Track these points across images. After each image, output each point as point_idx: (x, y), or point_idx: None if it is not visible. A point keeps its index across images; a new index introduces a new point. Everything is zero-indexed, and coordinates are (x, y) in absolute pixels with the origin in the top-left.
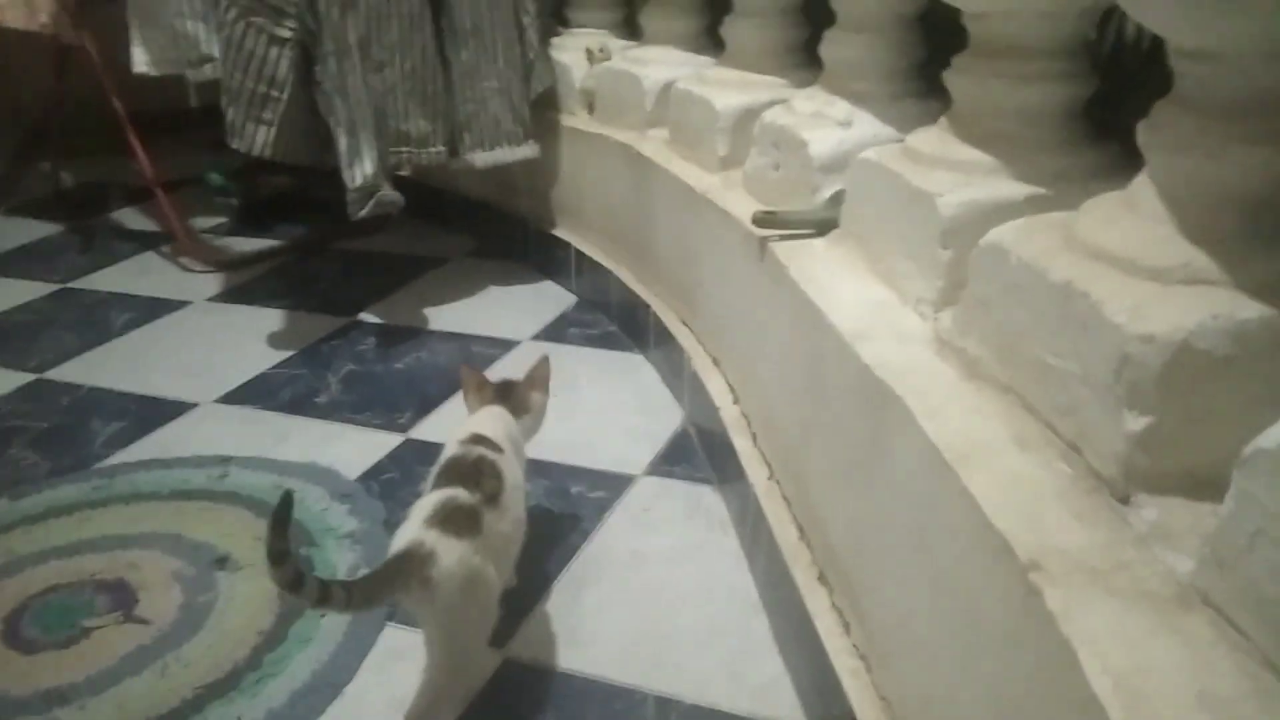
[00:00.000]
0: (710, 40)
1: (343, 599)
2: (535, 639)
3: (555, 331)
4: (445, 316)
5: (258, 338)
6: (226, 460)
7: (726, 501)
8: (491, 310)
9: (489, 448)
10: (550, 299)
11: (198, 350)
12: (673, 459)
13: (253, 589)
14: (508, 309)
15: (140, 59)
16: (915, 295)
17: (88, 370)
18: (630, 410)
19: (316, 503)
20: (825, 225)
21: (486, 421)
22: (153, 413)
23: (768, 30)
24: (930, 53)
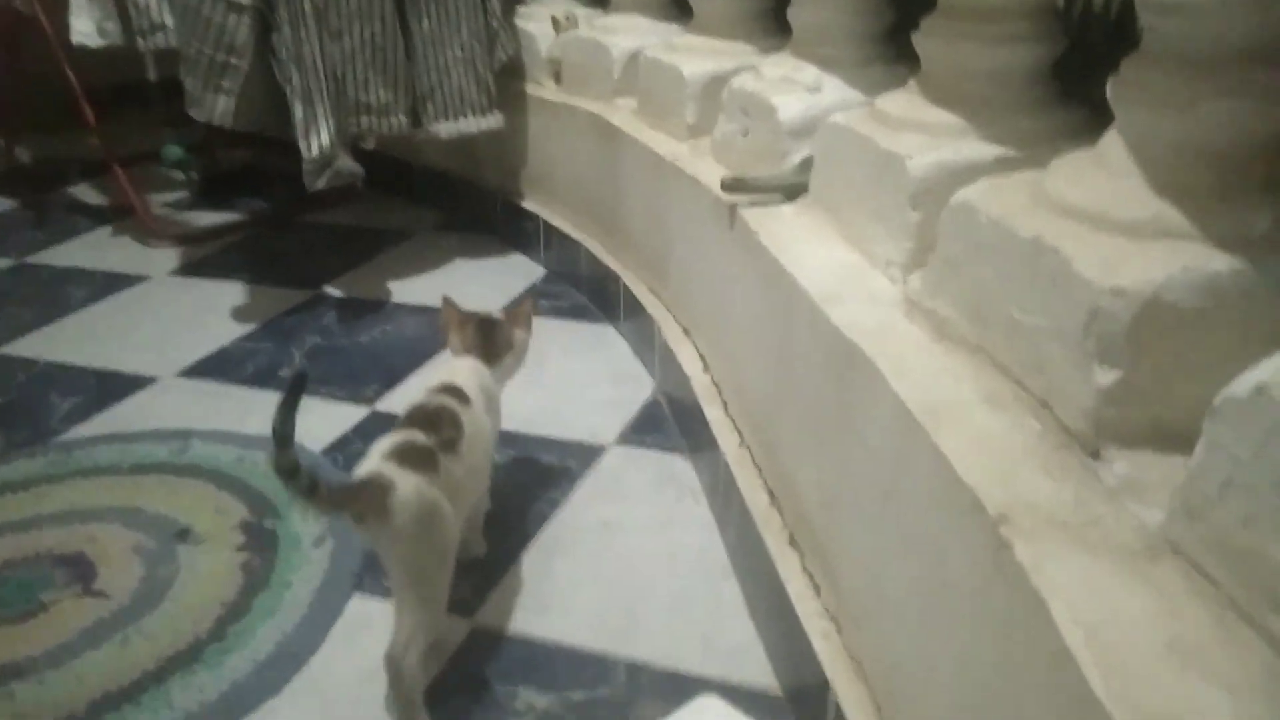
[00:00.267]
0: (678, 8)
1: (324, 499)
2: (505, 607)
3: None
4: (411, 290)
5: (219, 312)
6: (187, 434)
7: (697, 470)
8: (459, 284)
9: (456, 398)
10: (519, 272)
11: (157, 325)
12: (643, 429)
13: (215, 562)
14: (475, 282)
15: (79, 29)
16: (884, 258)
17: (44, 345)
18: (600, 381)
19: None
20: (794, 190)
21: (461, 373)
22: (112, 387)
23: None
24: (899, 18)
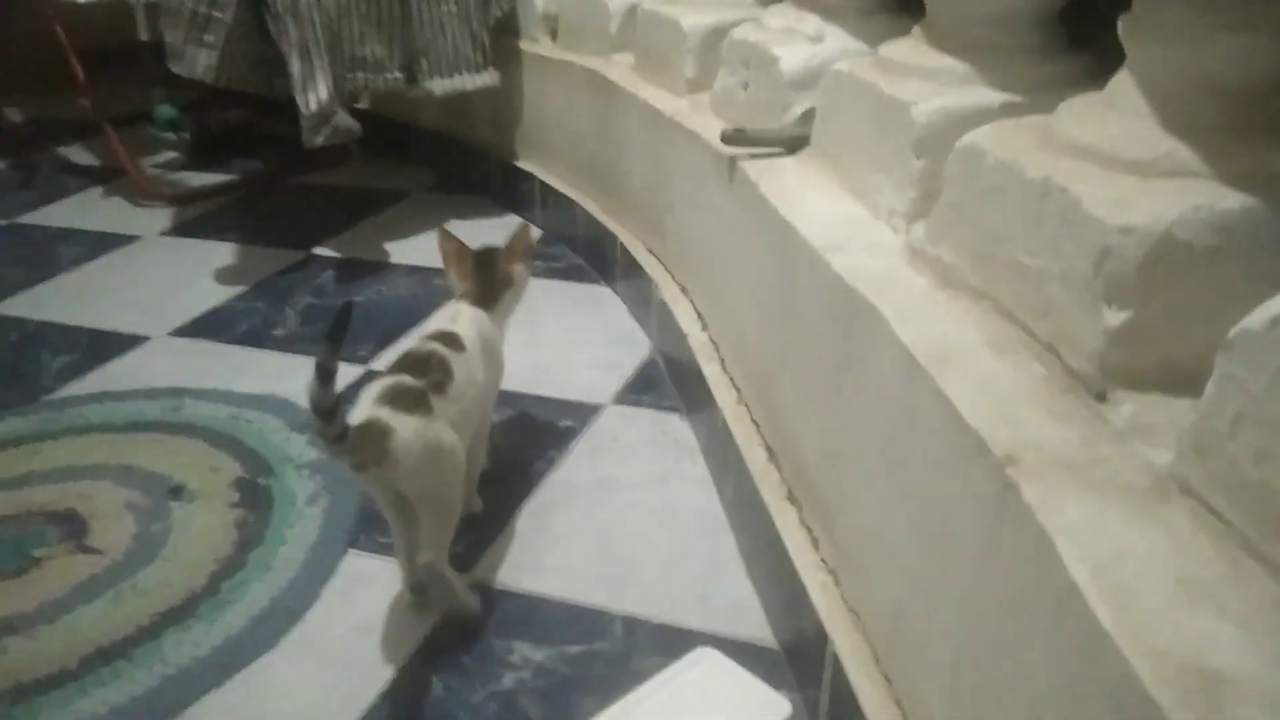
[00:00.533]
0: None
1: (351, 465)
2: (501, 564)
3: None
4: (406, 250)
5: (211, 272)
6: (180, 392)
7: (695, 428)
8: None
9: (449, 345)
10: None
11: (149, 284)
12: (640, 388)
13: (209, 518)
14: (470, 242)
15: None
16: (888, 208)
17: (36, 305)
18: (597, 341)
19: (275, 433)
20: (796, 143)
21: (461, 321)
22: (104, 346)
23: None
24: None
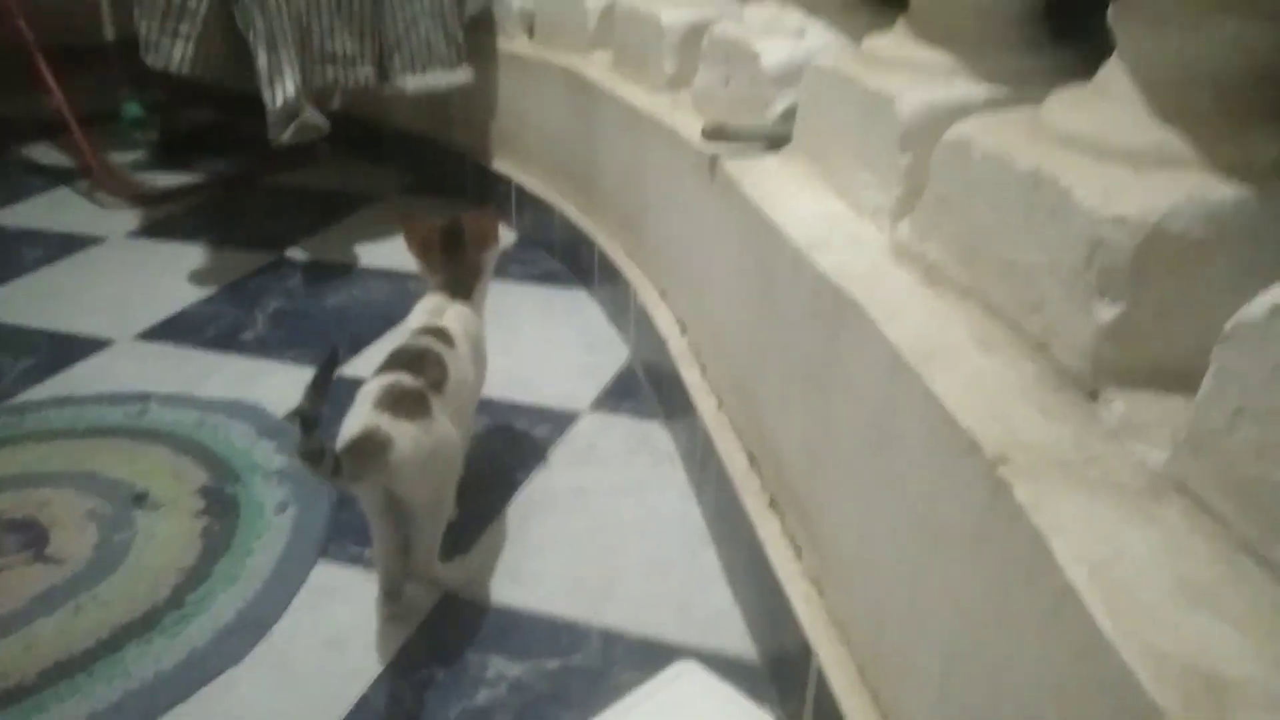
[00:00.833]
0: None
1: (345, 477)
2: (478, 574)
3: (496, 268)
4: (378, 254)
5: (179, 274)
6: (145, 397)
7: (674, 436)
8: None
9: (442, 340)
10: None
11: (114, 287)
12: (618, 395)
13: (174, 527)
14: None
15: None
16: (872, 205)
17: None
18: (574, 347)
19: (242, 439)
20: (778, 139)
21: (448, 316)
22: (66, 350)
23: None
24: None
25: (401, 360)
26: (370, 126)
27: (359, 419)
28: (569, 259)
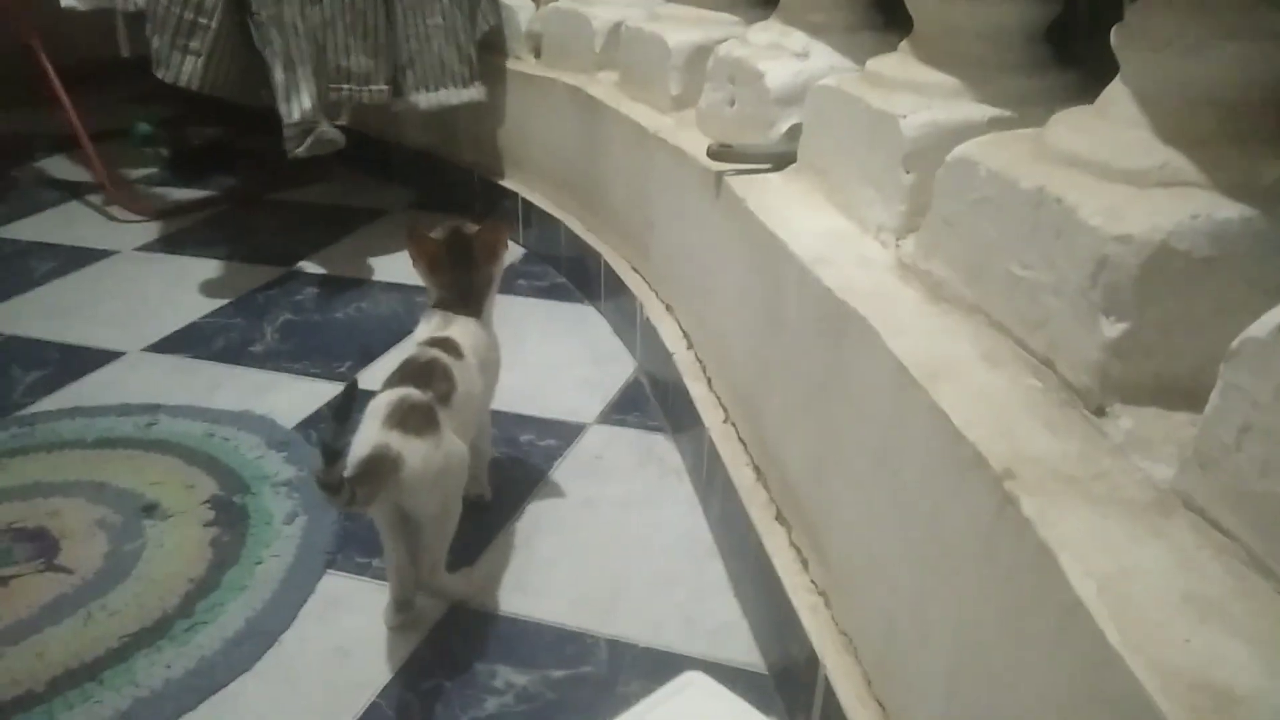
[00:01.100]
0: None
1: (360, 499)
2: (485, 585)
3: (503, 283)
4: (387, 267)
5: (189, 287)
6: (155, 408)
7: (680, 448)
8: None
9: (449, 351)
10: None
11: (125, 299)
12: (624, 408)
13: (183, 537)
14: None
15: None
16: (876, 223)
17: (7, 319)
18: (581, 361)
19: (251, 450)
20: (783, 159)
21: (454, 327)
22: (76, 361)
23: None
24: None
25: (409, 373)
26: (379, 143)
27: (368, 438)
28: (575, 274)
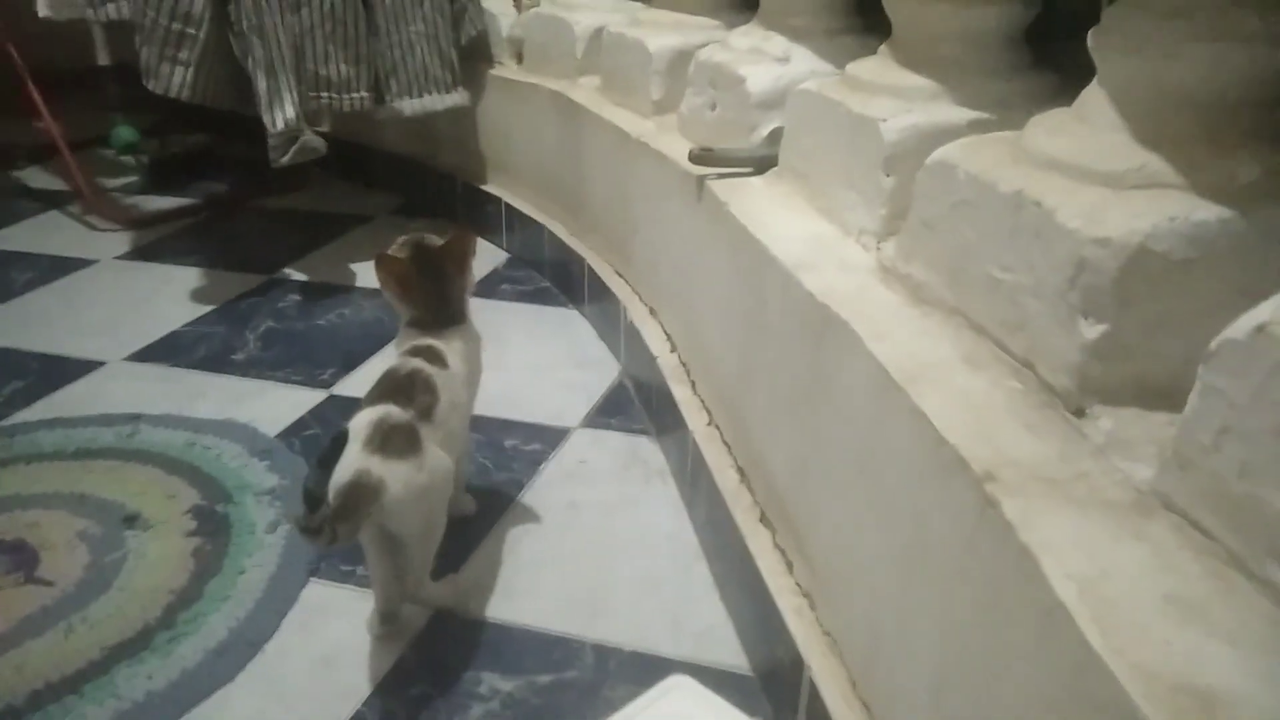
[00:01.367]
0: None
1: (342, 534)
2: (470, 591)
3: (487, 288)
4: (369, 274)
5: (170, 296)
6: (136, 418)
7: (665, 451)
8: None
9: (432, 360)
10: (481, 256)
11: (105, 309)
12: (609, 411)
13: (165, 547)
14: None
15: (43, 3)
16: (858, 226)
17: None
18: (565, 365)
19: (234, 459)
20: (764, 163)
21: (441, 336)
22: (56, 371)
23: None
24: None
25: (388, 388)
26: (361, 149)
27: (349, 463)
28: (559, 278)
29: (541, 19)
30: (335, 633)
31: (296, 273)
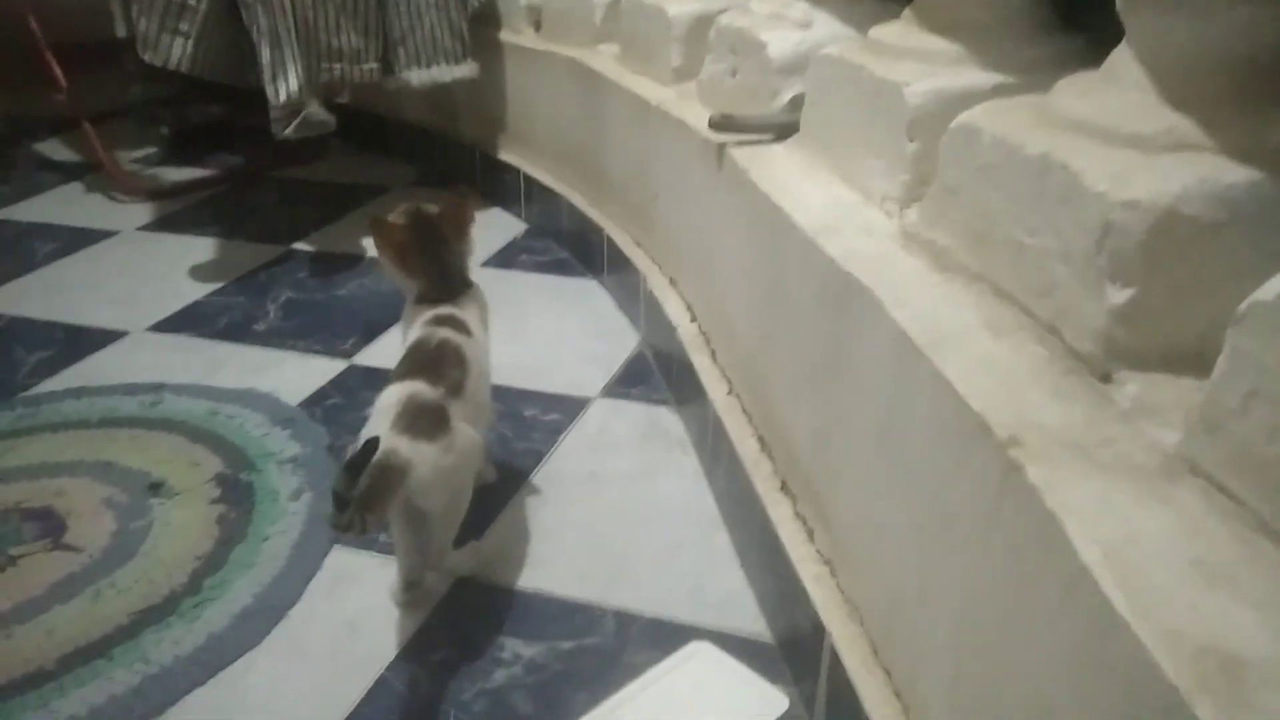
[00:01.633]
0: None
1: (371, 522)
2: (491, 559)
3: (505, 258)
4: None
5: (190, 266)
6: (159, 387)
7: (685, 421)
8: None
9: (458, 330)
10: (499, 226)
11: (127, 279)
12: (629, 381)
13: (189, 514)
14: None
15: None
16: (880, 193)
17: (9, 300)
18: (584, 335)
19: (256, 428)
20: (785, 130)
21: (460, 304)
22: (80, 341)
23: None
24: None
25: (419, 363)
26: (378, 120)
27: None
28: (578, 248)
29: None
30: (359, 599)
31: (315, 244)
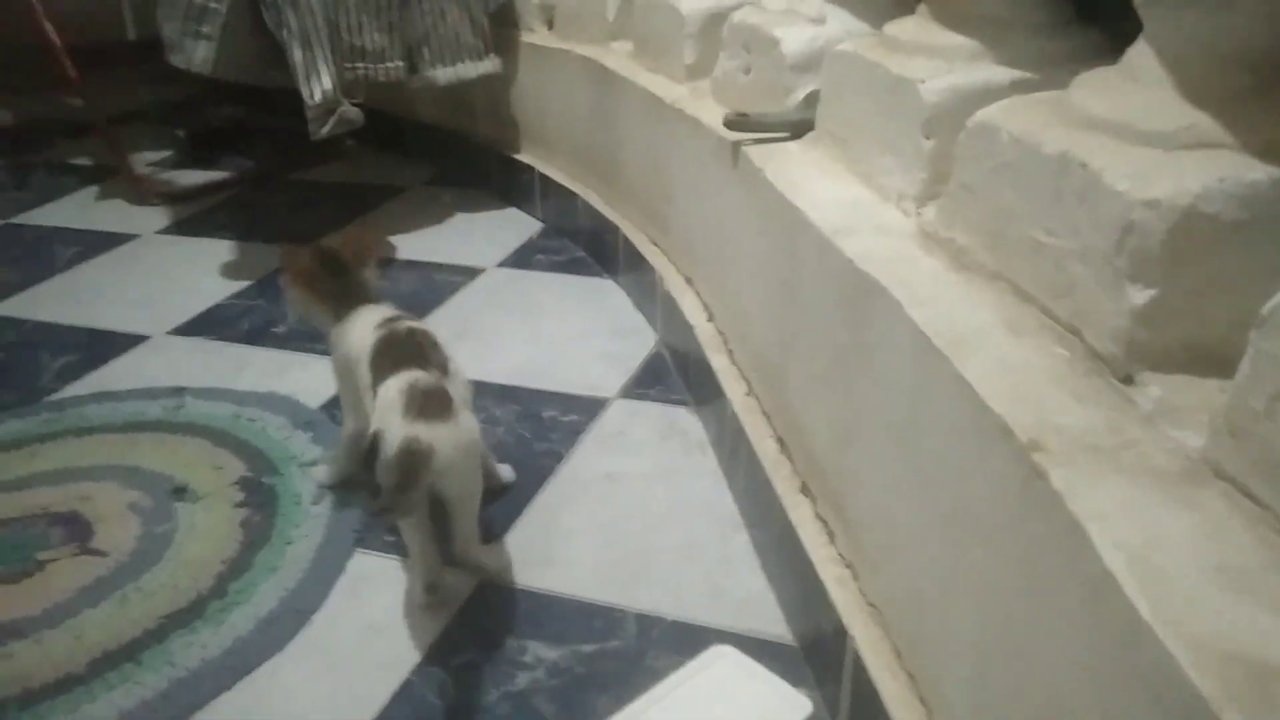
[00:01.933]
0: None
1: (401, 506)
2: (512, 561)
3: (521, 258)
4: (406, 245)
5: (210, 269)
6: (181, 391)
7: (703, 421)
8: (454, 238)
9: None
10: (515, 226)
11: (148, 283)
12: (646, 382)
13: (214, 518)
14: (470, 237)
15: None
16: (897, 191)
17: (33, 305)
18: (601, 335)
19: (278, 431)
20: (800, 127)
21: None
22: (103, 346)
23: None
24: None
25: (401, 355)
26: (394, 120)
27: (394, 434)
28: (594, 247)
29: None
30: (382, 602)
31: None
